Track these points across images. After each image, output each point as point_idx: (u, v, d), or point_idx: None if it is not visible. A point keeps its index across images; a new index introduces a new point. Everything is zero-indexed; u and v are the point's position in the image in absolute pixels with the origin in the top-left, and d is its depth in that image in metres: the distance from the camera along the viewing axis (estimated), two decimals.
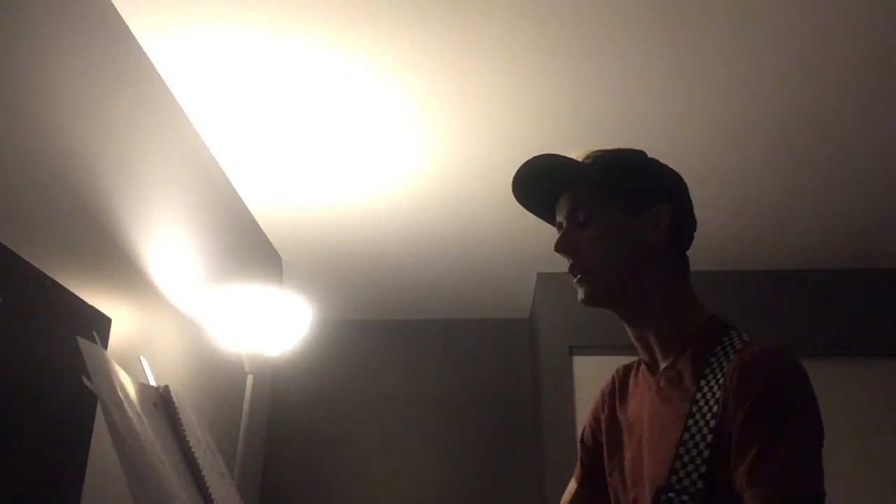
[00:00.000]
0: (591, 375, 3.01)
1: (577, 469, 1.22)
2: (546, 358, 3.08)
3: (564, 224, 1.05)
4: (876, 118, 2.08)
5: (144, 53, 1.85)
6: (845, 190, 2.47)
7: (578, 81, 1.95)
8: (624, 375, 1.13)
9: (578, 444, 1.22)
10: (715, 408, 0.88)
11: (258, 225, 2.83)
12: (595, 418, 1.17)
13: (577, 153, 1.06)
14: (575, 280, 1.03)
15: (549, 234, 1.09)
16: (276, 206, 2.67)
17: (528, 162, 1.04)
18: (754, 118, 2.09)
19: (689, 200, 1.07)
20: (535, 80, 1.94)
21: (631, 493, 1.00)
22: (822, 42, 1.78)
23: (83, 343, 0.96)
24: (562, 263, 1.05)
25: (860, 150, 2.23)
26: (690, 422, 0.90)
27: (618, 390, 1.12)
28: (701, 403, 0.90)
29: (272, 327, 2.14)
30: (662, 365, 1.01)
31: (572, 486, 1.22)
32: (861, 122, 2.09)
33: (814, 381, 0.88)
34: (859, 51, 1.81)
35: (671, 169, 1.07)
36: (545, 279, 3.17)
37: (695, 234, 1.07)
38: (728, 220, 2.69)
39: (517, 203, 1.11)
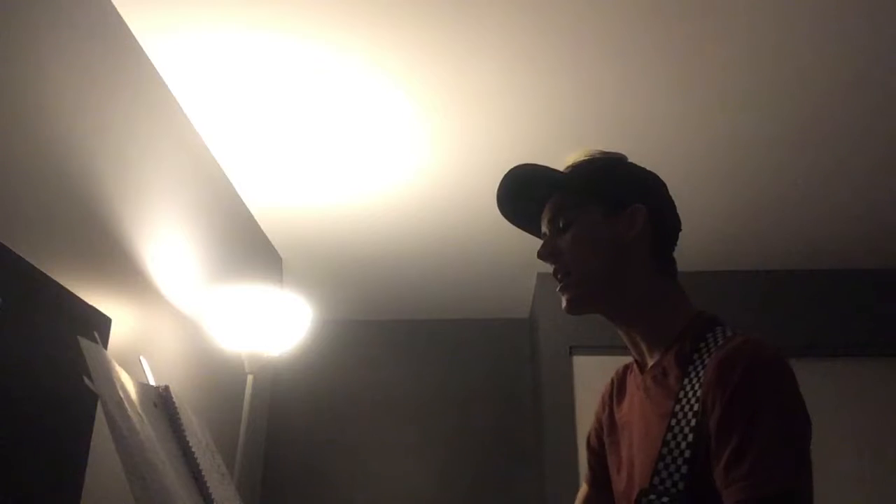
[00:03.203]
0: (591, 375, 3.01)
1: (587, 471, 1.22)
2: (546, 358, 3.08)
3: (547, 232, 1.07)
4: (876, 118, 2.08)
5: (144, 53, 1.85)
6: (846, 190, 2.47)
7: (578, 82, 1.95)
8: (622, 376, 1.14)
9: (587, 447, 1.22)
10: (696, 406, 0.87)
11: (258, 225, 2.83)
12: (598, 420, 1.18)
13: (569, 157, 1.08)
14: (558, 288, 1.05)
15: None
16: (276, 206, 2.67)
17: (508, 173, 1.06)
18: (754, 117, 2.09)
19: (668, 198, 1.07)
20: (534, 81, 1.94)
21: (626, 494, 1.01)
22: (822, 42, 1.78)
23: (84, 343, 0.96)
24: None
25: (861, 149, 2.23)
26: (673, 421, 0.89)
27: (615, 391, 1.13)
28: (683, 402, 0.90)
29: (272, 327, 2.14)
30: (650, 363, 1.01)
31: (584, 489, 1.22)
32: (862, 122, 2.09)
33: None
34: (860, 51, 1.81)
35: (648, 170, 1.08)
36: (545, 279, 3.17)
37: (679, 233, 1.07)
38: (728, 220, 2.69)
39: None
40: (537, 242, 1.09)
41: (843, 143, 2.21)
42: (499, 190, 1.09)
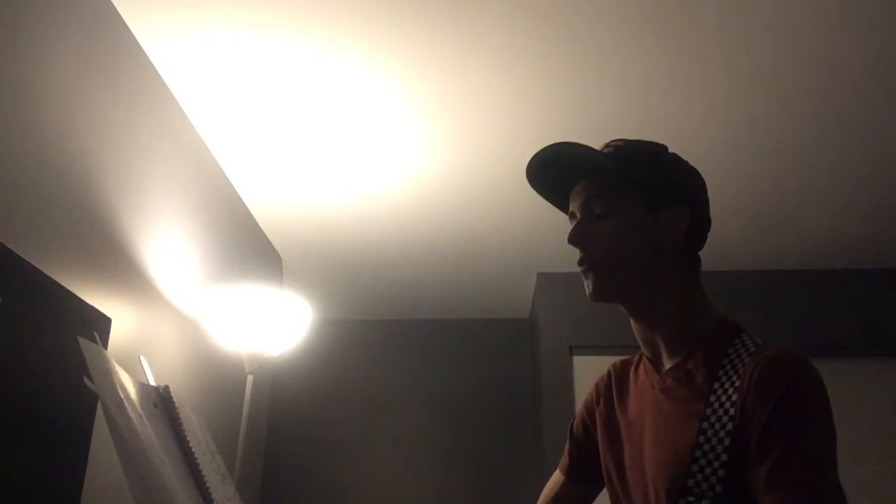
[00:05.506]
0: (591, 375, 2.97)
1: (565, 459, 1.19)
2: (546, 358, 3.08)
3: (578, 214, 1.02)
4: (876, 118, 2.08)
5: (144, 53, 1.85)
6: (845, 190, 2.47)
7: (578, 82, 1.95)
8: (621, 371, 1.11)
9: (568, 435, 1.19)
10: (731, 410, 0.87)
11: (258, 225, 2.83)
12: (588, 411, 1.15)
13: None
14: (582, 270, 1.00)
15: (550, 234, 1.08)
16: (276, 206, 2.67)
17: (545, 148, 1.01)
18: (754, 118, 2.09)
19: (707, 200, 1.04)
20: (534, 81, 1.94)
21: (630, 491, 0.99)
22: (822, 43, 1.78)
23: (84, 343, 0.96)
24: (562, 263, 1.04)
25: (861, 150, 2.23)
26: (705, 424, 0.88)
27: (615, 386, 1.10)
28: (716, 406, 0.89)
29: (272, 327, 2.14)
30: (668, 364, 0.99)
31: (557, 476, 1.19)
32: (862, 122, 2.09)
33: None
34: (860, 51, 1.81)
35: (691, 166, 1.04)
36: (545, 279, 3.16)
37: (709, 233, 1.05)
38: (728, 220, 2.69)
39: (517, 202, 1.10)
40: (538, 243, 1.08)
41: (843, 144, 2.21)
42: (531, 162, 1.03)
